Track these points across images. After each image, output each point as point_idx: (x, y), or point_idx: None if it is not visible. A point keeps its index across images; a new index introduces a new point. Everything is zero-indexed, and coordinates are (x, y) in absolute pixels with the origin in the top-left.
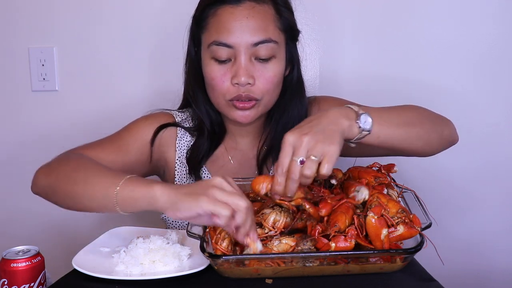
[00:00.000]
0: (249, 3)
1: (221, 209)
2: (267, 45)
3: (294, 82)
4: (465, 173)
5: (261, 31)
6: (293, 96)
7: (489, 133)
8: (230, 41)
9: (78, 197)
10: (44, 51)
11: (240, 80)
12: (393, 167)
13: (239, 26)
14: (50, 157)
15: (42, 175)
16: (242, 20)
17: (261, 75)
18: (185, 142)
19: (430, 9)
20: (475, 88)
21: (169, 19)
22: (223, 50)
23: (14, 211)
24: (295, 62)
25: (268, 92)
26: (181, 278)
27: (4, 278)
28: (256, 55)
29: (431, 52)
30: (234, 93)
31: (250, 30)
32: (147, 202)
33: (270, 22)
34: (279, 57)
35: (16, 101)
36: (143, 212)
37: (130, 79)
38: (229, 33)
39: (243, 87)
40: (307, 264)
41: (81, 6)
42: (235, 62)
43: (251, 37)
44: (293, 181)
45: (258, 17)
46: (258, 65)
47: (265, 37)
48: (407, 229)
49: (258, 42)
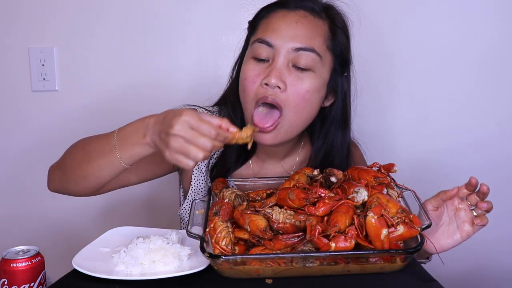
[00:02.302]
0: (304, 12)
1: (184, 159)
2: (308, 54)
3: (338, 114)
4: (466, 173)
5: (306, 39)
6: (335, 127)
7: (490, 133)
8: (273, 40)
9: (89, 174)
10: (44, 51)
11: (270, 80)
12: (393, 167)
13: (285, 28)
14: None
15: (53, 171)
16: (290, 23)
17: (293, 84)
18: None
19: (431, 10)
20: (476, 88)
21: (169, 19)
22: (264, 49)
23: (14, 211)
24: (340, 93)
25: (296, 106)
26: (181, 278)
27: (4, 278)
28: (294, 62)
29: (432, 52)
30: (261, 93)
31: (295, 34)
32: (142, 133)
33: (319, 36)
34: (318, 73)
35: (16, 101)
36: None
37: (130, 79)
38: (274, 32)
39: (272, 89)
40: (307, 264)
41: (81, 6)
42: (272, 64)
43: (294, 41)
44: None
45: (308, 26)
46: (294, 72)
47: (308, 45)
48: (407, 229)
49: (299, 48)
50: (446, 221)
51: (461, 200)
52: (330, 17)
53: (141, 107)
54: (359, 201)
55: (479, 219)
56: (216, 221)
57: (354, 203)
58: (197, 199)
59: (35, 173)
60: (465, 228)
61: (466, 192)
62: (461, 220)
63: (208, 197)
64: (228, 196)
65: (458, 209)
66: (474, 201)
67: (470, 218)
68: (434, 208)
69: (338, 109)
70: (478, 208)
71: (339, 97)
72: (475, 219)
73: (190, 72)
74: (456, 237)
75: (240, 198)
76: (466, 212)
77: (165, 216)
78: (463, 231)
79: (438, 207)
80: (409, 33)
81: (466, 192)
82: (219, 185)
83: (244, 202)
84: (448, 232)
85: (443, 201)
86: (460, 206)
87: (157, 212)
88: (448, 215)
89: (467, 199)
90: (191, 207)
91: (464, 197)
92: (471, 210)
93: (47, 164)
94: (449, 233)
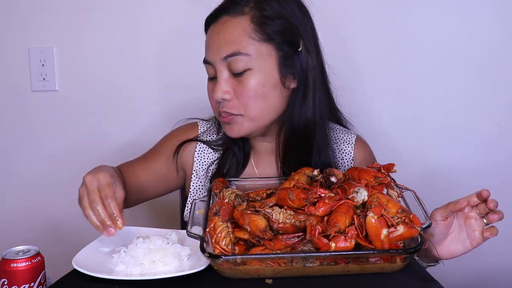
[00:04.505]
0: (226, 17)
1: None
2: (236, 58)
3: (300, 91)
4: (466, 173)
5: (228, 44)
6: (300, 102)
7: (491, 133)
8: (208, 57)
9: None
10: (44, 51)
11: (216, 96)
12: (393, 166)
13: (212, 42)
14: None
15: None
16: (214, 36)
17: (237, 90)
18: (205, 155)
19: (430, 9)
20: (476, 88)
21: (169, 18)
22: (208, 68)
23: (14, 211)
24: (299, 71)
25: (249, 105)
26: (181, 278)
27: (4, 278)
28: (231, 70)
29: (431, 52)
30: (217, 109)
31: (219, 44)
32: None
33: (242, 35)
34: (257, 68)
35: (16, 101)
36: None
37: (130, 78)
38: (207, 50)
39: (221, 103)
40: (307, 264)
41: (81, 6)
42: (216, 79)
43: (220, 52)
44: None
45: (227, 31)
46: (235, 79)
47: (232, 51)
48: (407, 229)
49: (226, 56)
50: (456, 228)
51: (471, 208)
52: (256, 8)
53: (142, 107)
54: (359, 201)
55: (489, 231)
56: (216, 221)
57: (354, 203)
58: (197, 199)
59: (35, 173)
60: (475, 236)
61: (476, 201)
62: (471, 228)
63: (208, 197)
64: (228, 196)
65: (469, 217)
66: (484, 211)
67: (480, 227)
68: (443, 218)
69: (301, 86)
70: (488, 220)
71: (300, 75)
72: (485, 231)
73: (193, 73)
74: (466, 244)
75: (240, 198)
76: (477, 221)
77: (165, 216)
78: (474, 240)
79: (447, 217)
80: (409, 33)
81: (476, 201)
82: (219, 185)
83: (244, 202)
84: (459, 239)
85: (452, 212)
86: (470, 214)
87: (157, 212)
88: (458, 223)
89: (477, 208)
90: (191, 207)
91: (474, 205)
92: (482, 218)
93: (46, 164)
94: (459, 240)
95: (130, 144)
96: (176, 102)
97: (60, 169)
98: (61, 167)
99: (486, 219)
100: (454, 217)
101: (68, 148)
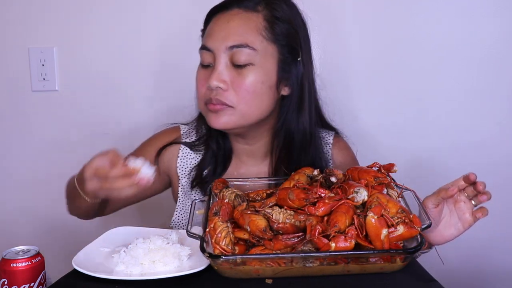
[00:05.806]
0: (237, 9)
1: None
2: (242, 50)
3: (293, 100)
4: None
5: (237, 36)
6: (292, 112)
7: (491, 132)
8: (209, 44)
9: (79, 208)
10: (44, 51)
11: (211, 83)
12: (393, 166)
13: (218, 30)
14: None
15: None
16: (222, 24)
17: (235, 82)
18: (188, 160)
19: (430, 8)
20: (476, 87)
21: (169, 18)
22: (206, 54)
23: (14, 211)
24: (294, 79)
25: (244, 100)
26: (181, 278)
27: (4, 278)
28: (233, 60)
29: (431, 51)
30: (207, 96)
31: (227, 34)
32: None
33: (251, 30)
34: (259, 65)
35: (16, 101)
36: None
37: (130, 78)
38: (210, 36)
39: (215, 91)
40: (307, 264)
41: (81, 6)
42: (213, 67)
43: (226, 41)
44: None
45: (239, 22)
46: (235, 70)
47: (241, 42)
48: (407, 229)
49: (232, 46)
50: (447, 213)
51: (459, 192)
52: (268, 8)
53: (142, 107)
54: (359, 201)
55: (480, 212)
56: (216, 221)
57: (354, 203)
58: (197, 199)
59: (35, 173)
60: (466, 219)
61: (463, 185)
62: (462, 211)
63: (208, 197)
64: (228, 196)
65: (458, 201)
66: (472, 193)
67: (470, 209)
68: (435, 205)
69: (294, 95)
70: (478, 201)
71: (294, 84)
72: (476, 213)
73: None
74: (459, 226)
75: (240, 198)
76: (466, 203)
77: (165, 217)
78: (465, 222)
79: (438, 204)
80: (409, 33)
81: (463, 184)
82: (219, 185)
83: (244, 202)
84: (450, 223)
85: (443, 199)
86: (459, 198)
87: (157, 212)
88: (448, 208)
89: (465, 191)
90: (191, 207)
91: (462, 189)
92: (470, 200)
93: (46, 164)
94: (451, 223)
95: (130, 144)
96: (177, 102)
97: (60, 169)
98: (61, 167)
99: (475, 200)
100: (444, 202)
101: (68, 148)
